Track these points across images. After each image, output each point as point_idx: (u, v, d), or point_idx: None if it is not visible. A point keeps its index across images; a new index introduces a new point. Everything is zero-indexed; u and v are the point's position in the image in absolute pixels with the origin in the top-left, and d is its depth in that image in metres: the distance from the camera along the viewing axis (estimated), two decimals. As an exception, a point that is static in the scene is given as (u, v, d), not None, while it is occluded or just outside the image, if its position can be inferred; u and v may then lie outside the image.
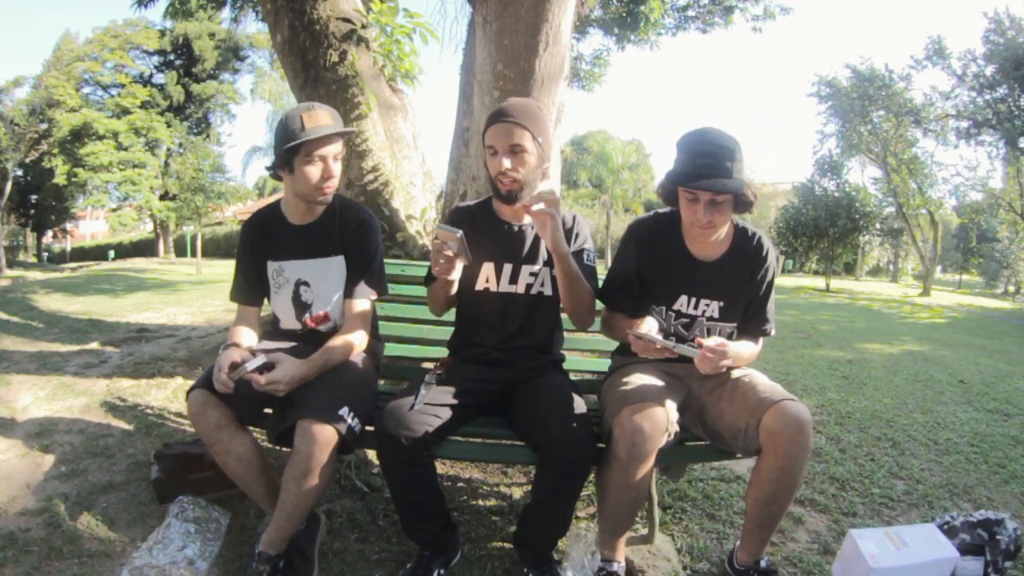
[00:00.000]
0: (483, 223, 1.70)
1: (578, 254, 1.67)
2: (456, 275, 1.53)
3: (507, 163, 1.54)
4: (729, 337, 1.63)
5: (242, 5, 6.41)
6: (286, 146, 1.53)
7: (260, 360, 1.45)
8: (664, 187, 1.57)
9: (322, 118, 1.55)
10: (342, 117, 1.90)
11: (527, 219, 1.69)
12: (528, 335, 1.72)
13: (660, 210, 1.70)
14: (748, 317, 1.64)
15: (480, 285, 1.68)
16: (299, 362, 1.51)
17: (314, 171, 1.57)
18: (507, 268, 1.67)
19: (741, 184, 1.44)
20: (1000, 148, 15.67)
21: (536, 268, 1.67)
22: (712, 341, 1.42)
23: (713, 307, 1.61)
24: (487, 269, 1.67)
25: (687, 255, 1.61)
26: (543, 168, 1.62)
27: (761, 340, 1.69)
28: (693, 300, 1.62)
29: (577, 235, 1.70)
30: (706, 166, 1.42)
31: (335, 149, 1.60)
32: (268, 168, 1.65)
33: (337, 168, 1.62)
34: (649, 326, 1.46)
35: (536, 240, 1.69)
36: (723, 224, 1.55)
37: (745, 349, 1.59)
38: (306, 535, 1.58)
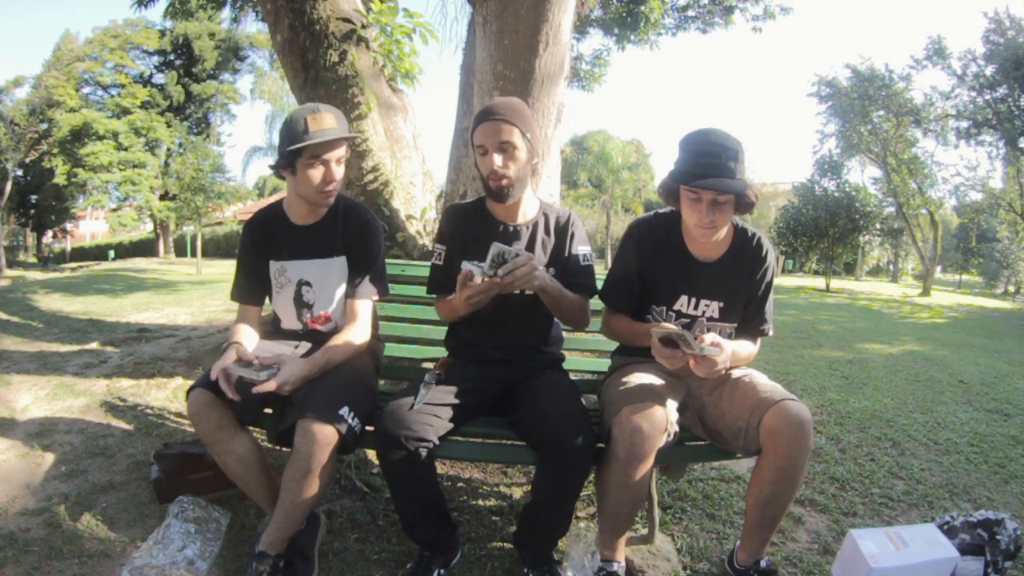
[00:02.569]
0: (478, 222, 1.70)
1: (575, 256, 1.69)
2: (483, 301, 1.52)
3: (498, 161, 1.55)
4: (728, 338, 1.63)
5: (242, 5, 6.42)
6: (289, 148, 1.53)
7: (265, 374, 1.43)
8: (666, 186, 1.57)
9: (327, 121, 1.55)
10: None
11: (522, 218, 1.69)
12: (525, 335, 1.72)
13: (660, 210, 1.70)
14: (746, 317, 1.64)
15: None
16: (302, 361, 1.51)
17: (316, 174, 1.57)
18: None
19: (744, 184, 1.44)
20: (1000, 148, 15.65)
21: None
22: (709, 338, 1.42)
23: (713, 307, 1.61)
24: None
25: (687, 255, 1.61)
26: (533, 164, 1.62)
27: (759, 341, 1.69)
28: (693, 300, 1.62)
29: (573, 235, 1.71)
30: (709, 165, 1.42)
31: (339, 153, 1.60)
32: (271, 167, 1.65)
33: (340, 171, 1.61)
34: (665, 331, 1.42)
35: (531, 241, 1.69)
36: (724, 225, 1.54)
37: (743, 349, 1.59)
38: (306, 535, 1.58)
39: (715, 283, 1.61)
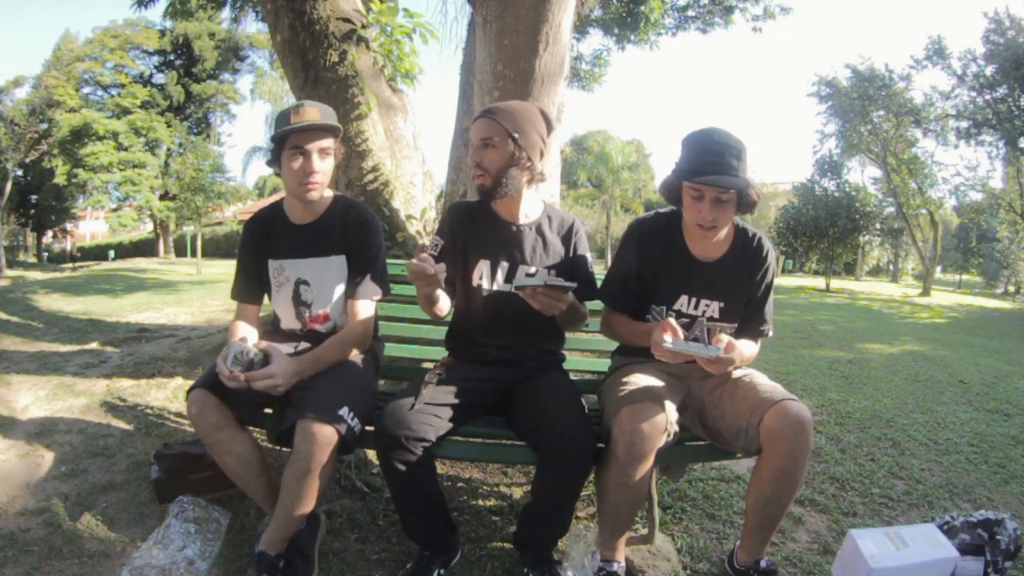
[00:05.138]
0: (482, 220, 1.70)
1: (583, 264, 1.72)
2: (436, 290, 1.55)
3: (475, 156, 1.58)
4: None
5: (242, 5, 6.42)
6: (271, 137, 1.57)
7: (253, 352, 1.47)
8: (668, 184, 1.57)
9: (309, 114, 1.55)
10: (342, 117, 1.91)
11: (524, 218, 1.69)
12: (526, 335, 1.71)
13: (661, 210, 1.70)
14: (746, 318, 1.64)
15: (474, 282, 1.68)
16: (292, 359, 1.52)
17: (296, 165, 1.57)
18: (502, 267, 1.67)
19: (746, 182, 1.45)
20: (1000, 148, 15.65)
21: (531, 271, 1.67)
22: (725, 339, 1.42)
23: (713, 307, 1.61)
24: (482, 266, 1.67)
25: (688, 255, 1.61)
26: (526, 165, 1.59)
27: (759, 340, 1.69)
28: (693, 300, 1.62)
29: (577, 244, 1.73)
30: (712, 163, 1.42)
31: (321, 144, 1.58)
32: (268, 163, 1.68)
33: (320, 164, 1.59)
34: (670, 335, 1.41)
35: (534, 241, 1.69)
36: (726, 223, 1.55)
37: (746, 349, 1.59)
38: (306, 535, 1.57)
39: (715, 283, 1.61)
